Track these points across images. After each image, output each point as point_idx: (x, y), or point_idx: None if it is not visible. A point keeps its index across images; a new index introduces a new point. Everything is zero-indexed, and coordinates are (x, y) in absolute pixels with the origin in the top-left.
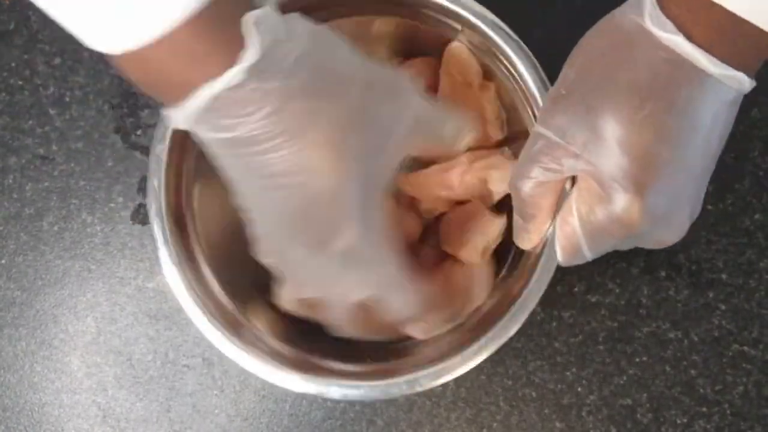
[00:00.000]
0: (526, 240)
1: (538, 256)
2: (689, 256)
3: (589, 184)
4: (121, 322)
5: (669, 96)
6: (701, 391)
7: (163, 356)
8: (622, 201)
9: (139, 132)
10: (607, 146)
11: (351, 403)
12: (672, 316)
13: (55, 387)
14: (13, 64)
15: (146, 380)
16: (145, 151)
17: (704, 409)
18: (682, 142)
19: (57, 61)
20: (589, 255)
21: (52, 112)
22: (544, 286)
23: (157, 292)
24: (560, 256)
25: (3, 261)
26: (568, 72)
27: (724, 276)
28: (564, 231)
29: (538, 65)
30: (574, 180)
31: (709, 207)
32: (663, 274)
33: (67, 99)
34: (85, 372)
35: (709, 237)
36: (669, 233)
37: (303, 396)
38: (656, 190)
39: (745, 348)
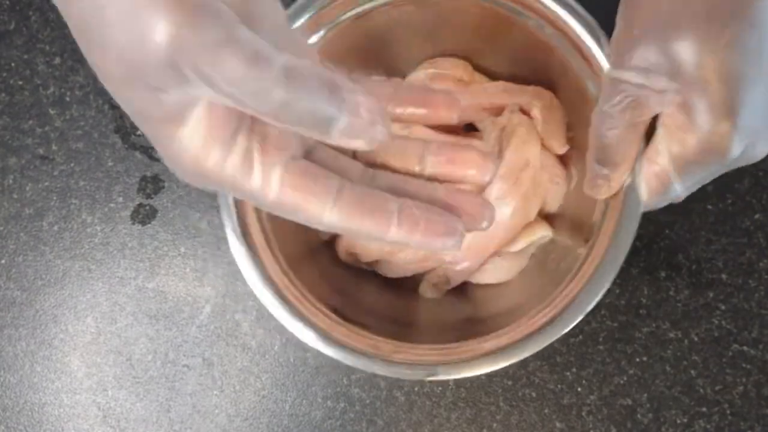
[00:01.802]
0: (605, 189)
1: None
2: (689, 256)
3: (675, 120)
4: (121, 322)
5: (746, 15)
6: (701, 391)
7: (163, 356)
8: (713, 126)
9: (139, 132)
10: (694, 75)
11: (351, 403)
12: (672, 316)
13: (55, 387)
14: (12, 64)
15: (146, 380)
16: (145, 151)
17: (704, 409)
18: (765, 57)
19: (57, 61)
20: (680, 190)
21: (52, 112)
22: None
23: (157, 292)
24: (648, 198)
25: (3, 261)
26: (634, 14)
27: (723, 276)
28: (652, 171)
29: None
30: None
31: (709, 207)
32: (663, 274)
33: (68, 99)
34: (85, 372)
35: (709, 237)
36: (759, 150)
37: (303, 396)
38: (746, 109)
39: (745, 348)
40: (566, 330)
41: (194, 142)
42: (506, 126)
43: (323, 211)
